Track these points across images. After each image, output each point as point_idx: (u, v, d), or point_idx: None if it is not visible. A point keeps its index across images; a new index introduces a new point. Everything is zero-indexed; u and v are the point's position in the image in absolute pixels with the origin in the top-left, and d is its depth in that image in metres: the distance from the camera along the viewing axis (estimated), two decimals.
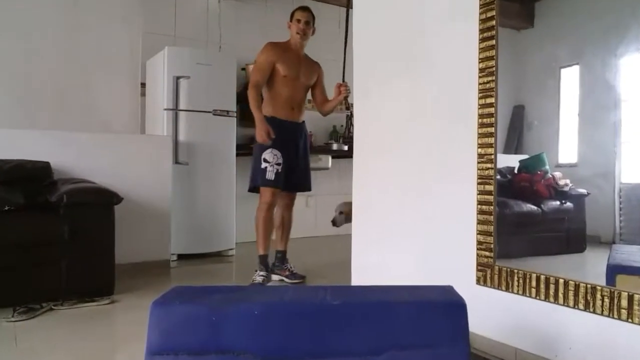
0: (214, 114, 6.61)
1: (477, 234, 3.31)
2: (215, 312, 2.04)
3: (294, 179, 5.31)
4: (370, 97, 4.34)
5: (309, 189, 5.52)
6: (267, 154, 5.09)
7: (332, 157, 8.24)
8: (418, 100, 3.86)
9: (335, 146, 8.21)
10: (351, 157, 4.66)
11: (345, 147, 8.10)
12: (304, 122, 5.42)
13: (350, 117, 5.47)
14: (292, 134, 5.25)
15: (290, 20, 5.37)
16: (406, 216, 3.96)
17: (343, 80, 5.47)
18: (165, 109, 6.43)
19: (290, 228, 5.60)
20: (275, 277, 5.38)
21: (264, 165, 5.08)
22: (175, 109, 6.44)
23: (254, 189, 5.24)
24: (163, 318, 2.04)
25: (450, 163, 3.56)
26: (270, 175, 5.06)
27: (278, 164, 5.09)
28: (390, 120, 4.13)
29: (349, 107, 5.44)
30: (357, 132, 4.51)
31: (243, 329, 2.02)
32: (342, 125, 8.15)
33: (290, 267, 5.46)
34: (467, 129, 3.37)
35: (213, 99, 6.63)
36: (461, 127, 3.44)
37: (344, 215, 6.01)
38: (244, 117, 7.37)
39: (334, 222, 6.05)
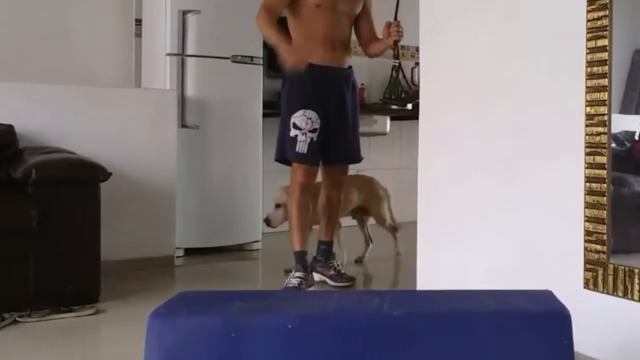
0: (233, 61, 6.63)
1: (585, 221, 3.30)
2: (235, 325, 2.06)
3: (338, 148, 5.20)
4: (440, 38, 4.33)
5: (358, 160, 5.43)
6: (298, 118, 4.99)
7: (391, 119, 8.24)
8: (504, 42, 3.84)
9: (395, 104, 8.18)
10: (417, 118, 4.63)
11: (409, 106, 8.09)
12: (350, 68, 5.31)
13: (397, 69, 5.28)
14: (334, 85, 5.16)
15: None
16: (490, 198, 3.96)
17: (395, 19, 5.28)
18: (168, 54, 6.47)
19: (338, 213, 5.56)
20: (315, 277, 5.37)
21: (293, 132, 4.99)
22: (182, 54, 6.48)
23: (282, 160, 5.19)
24: (165, 334, 2.07)
25: (549, 126, 3.54)
26: (301, 147, 4.97)
27: (313, 131, 4.98)
28: (468, 68, 4.12)
29: (397, 54, 5.22)
30: (424, 86, 4.49)
31: (272, 349, 2.05)
32: (392, 79, 8.03)
33: (337, 265, 5.43)
34: (572, 81, 3.35)
35: (232, 41, 6.64)
36: (563, 78, 3.42)
37: (283, 208, 5.70)
38: (273, 65, 7.37)
39: (268, 221, 5.81)
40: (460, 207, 4.18)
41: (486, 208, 3.99)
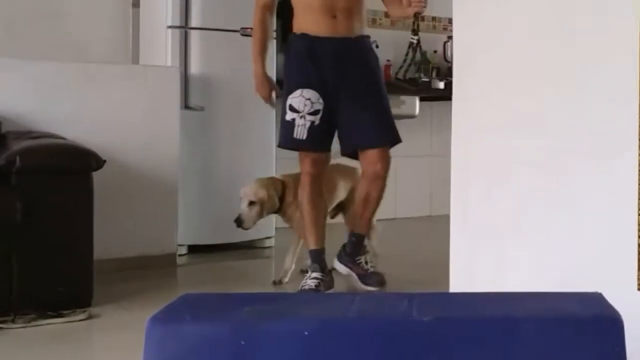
0: (243, 34, 6.59)
1: (639, 215, 3.25)
2: (245, 332, 2.04)
3: (357, 131, 5.10)
4: (476, 9, 4.29)
5: (391, 141, 5.24)
6: (295, 99, 4.94)
7: (421, 100, 8.25)
8: (546, 14, 3.80)
9: (409, 87, 8.14)
10: (450, 99, 4.59)
11: (441, 85, 8.07)
12: (364, 37, 5.21)
13: (415, 47, 5.16)
14: (337, 59, 5.04)
15: None
16: (535, 190, 3.92)
17: None
18: (169, 27, 6.48)
19: (377, 205, 5.40)
20: (342, 269, 5.31)
21: (290, 116, 4.96)
22: (185, 27, 6.49)
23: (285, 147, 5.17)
24: (166, 341, 2.05)
25: (601, 114, 3.50)
26: (300, 132, 4.92)
27: (313, 113, 4.92)
28: (509, 45, 4.08)
29: (416, 29, 5.07)
30: (458, 64, 4.45)
31: (286, 357, 2.02)
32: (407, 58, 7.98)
33: (365, 263, 5.32)
34: (625, 65, 3.30)
35: (241, 12, 6.55)
36: (616, 60, 3.37)
37: (259, 206, 5.57)
38: (288, 38, 7.36)
39: (240, 222, 5.63)
40: (500, 200, 4.15)
41: (529, 202, 3.96)
